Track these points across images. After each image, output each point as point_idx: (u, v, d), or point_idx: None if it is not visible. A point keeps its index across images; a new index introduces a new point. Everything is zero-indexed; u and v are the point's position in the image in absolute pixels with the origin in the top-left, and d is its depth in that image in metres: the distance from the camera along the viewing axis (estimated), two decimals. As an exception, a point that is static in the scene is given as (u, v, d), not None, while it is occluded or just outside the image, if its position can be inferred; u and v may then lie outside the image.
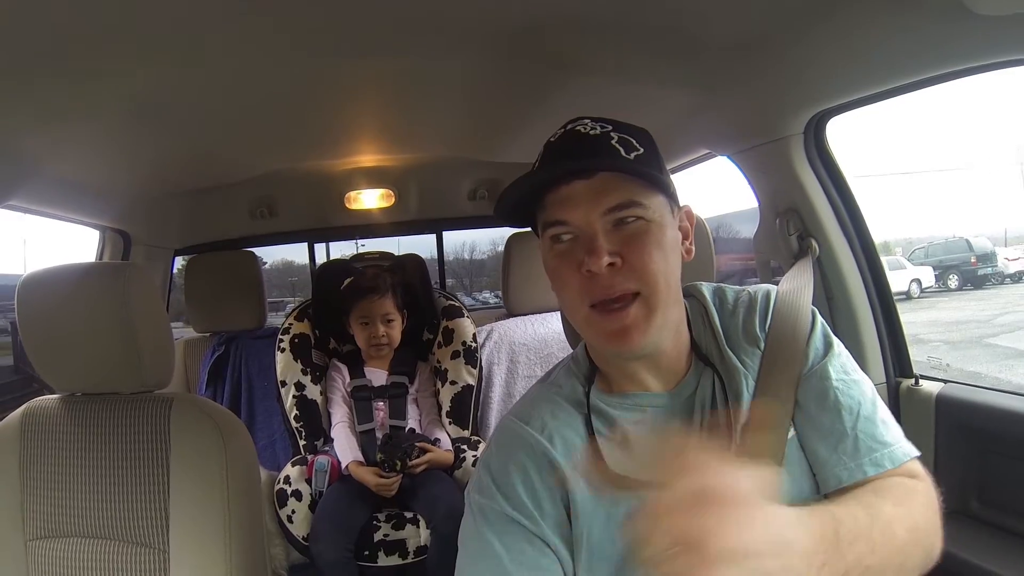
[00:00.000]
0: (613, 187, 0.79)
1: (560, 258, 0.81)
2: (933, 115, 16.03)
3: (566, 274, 0.80)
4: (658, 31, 1.14)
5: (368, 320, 2.05)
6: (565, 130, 0.85)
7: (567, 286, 0.81)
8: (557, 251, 0.82)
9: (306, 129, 1.70)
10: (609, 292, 0.77)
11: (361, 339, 2.08)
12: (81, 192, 1.76)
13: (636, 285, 0.78)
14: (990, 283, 10.57)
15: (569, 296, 0.81)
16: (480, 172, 2.40)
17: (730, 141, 1.55)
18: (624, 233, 0.79)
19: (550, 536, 0.78)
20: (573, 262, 0.79)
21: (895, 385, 1.41)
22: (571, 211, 0.79)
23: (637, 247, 0.78)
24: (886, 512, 0.70)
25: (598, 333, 0.80)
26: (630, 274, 0.77)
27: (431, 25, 1.09)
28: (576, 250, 0.79)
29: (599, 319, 0.79)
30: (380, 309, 2.05)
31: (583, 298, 0.79)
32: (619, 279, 0.77)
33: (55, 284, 1.18)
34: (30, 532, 1.19)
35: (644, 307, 0.78)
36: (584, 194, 0.79)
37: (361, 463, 1.93)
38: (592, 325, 0.80)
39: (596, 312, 0.79)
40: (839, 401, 0.82)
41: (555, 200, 0.80)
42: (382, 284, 2.07)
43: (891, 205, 11.59)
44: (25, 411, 1.24)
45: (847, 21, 1.01)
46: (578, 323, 0.83)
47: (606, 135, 0.82)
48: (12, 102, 1.15)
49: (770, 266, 1.57)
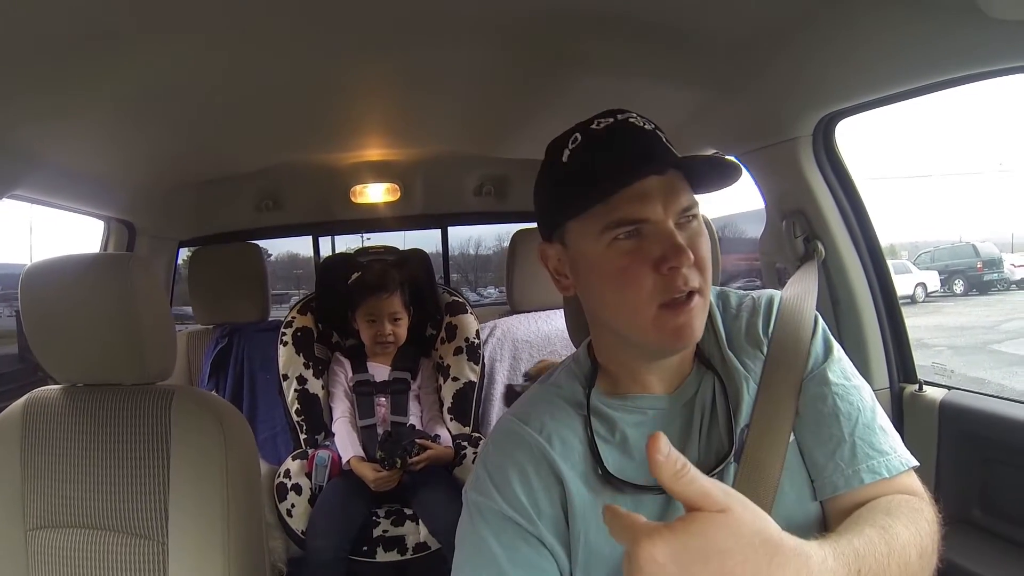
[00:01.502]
0: (682, 187, 0.78)
1: (629, 256, 0.77)
2: (942, 119, 15.95)
3: (638, 273, 0.76)
4: (667, 28, 1.13)
5: (375, 318, 2.04)
6: (614, 119, 0.81)
7: (638, 285, 0.77)
8: (623, 249, 0.77)
9: (312, 122, 1.69)
10: (683, 289, 0.76)
11: (367, 336, 2.07)
12: (86, 183, 1.76)
13: (699, 282, 0.77)
14: (996, 289, 10.53)
15: (636, 296, 0.77)
16: (486, 168, 2.39)
17: (738, 141, 1.54)
18: (688, 232, 0.78)
19: (547, 536, 0.78)
20: (646, 260, 0.76)
21: (899, 390, 1.40)
22: (650, 208, 0.76)
23: (702, 245, 0.78)
24: (902, 538, 0.68)
25: (666, 331, 0.77)
26: (696, 272, 0.77)
27: (438, 20, 1.09)
28: (647, 247, 0.76)
29: (670, 316, 0.77)
30: (388, 308, 2.04)
31: (654, 297, 0.76)
32: (691, 276, 0.77)
33: (58, 274, 1.18)
34: (30, 522, 1.19)
35: (702, 300, 0.78)
36: (660, 190, 0.76)
37: (362, 458, 1.93)
38: (661, 324, 0.77)
39: (666, 310, 0.77)
40: (837, 407, 0.81)
41: (629, 197, 0.76)
42: (391, 282, 2.05)
43: (898, 208, 11.56)
44: (27, 401, 1.24)
45: (859, 23, 1.00)
46: (639, 323, 0.78)
47: (655, 133, 0.82)
48: (16, 93, 1.15)
49: (775, 268, 1.56)
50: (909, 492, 0.79)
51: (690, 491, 0.52)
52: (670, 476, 0.52)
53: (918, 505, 0.77)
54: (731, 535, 0.51)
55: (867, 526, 0.69)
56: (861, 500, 0.78)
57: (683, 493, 0.52)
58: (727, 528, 0.52)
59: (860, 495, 0.78)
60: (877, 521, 0.70)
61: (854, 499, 0.78)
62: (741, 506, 0.53)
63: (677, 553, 0.50)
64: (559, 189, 0.83)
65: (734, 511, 0.52)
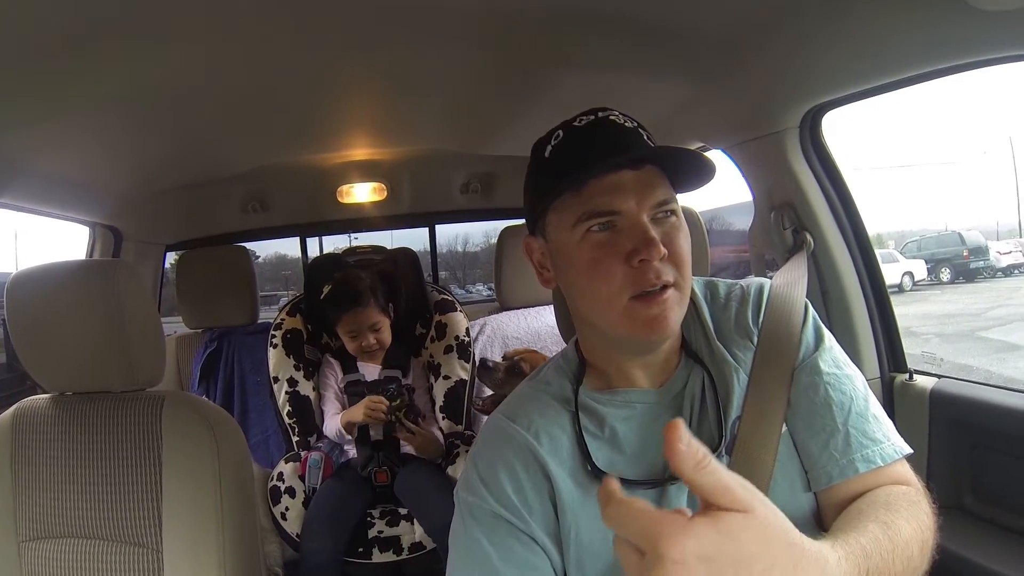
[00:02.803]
0: (658, 181, 0.80)
1: (601, 248, 0.79)
2: (927, 108, 16.09)
3: (609, 265, 0.78)
4: (652, 23, 1.13)
5: (356, 332, 2.02)
6: (596, 116, 0.83)
7: (608, 277, 0.78)
8: (596, 241, 0.79)
9: (298, 122, 1.68)
10: (655, 282, 0.77)
11: (351, 348, 2.05)
12: (71, 189, 1.74)
13: (674, 276, 0.78)
14: (982, 276, 10.63)
15: (607, 288, 0.78)
16: (473, 165, 2.39)
17: (725, 134, 1.54)
18: (664, 227, 0.79)
19: (538, 533, 0.78)
20: (618, 252, 0.78)
21: (889, 379, 1.41)
22: (622, 200, 0.78)
23: (678, 240, 0.80)
24: (904, 534, 0.68)
25: (637, 323, 0.78)
26: (671, 266, 0.78)
27: (423, 17, 1.08)
28: (620, 240, 0.78)
29: (641, 307, 0.78)
30: (366, 321, 2.01)
31: (625, 289, 0.78)
32: (665, 270, 0.77)
33: (45, 282, 1.17)
34: (23, 533, 1.18)
35: (678, 293, 0.79)
36: (634, 184, 0.78)
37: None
38: (632, 315, 0.78)
39: (637, 301, 0.78)
40: (830, 396, 0.82)
41: (603, 187, 0.78)
42: (363, 294, 2.00)
43: (885, 198, 11.64)
44: (16, 411, 1.23)
45: (845, 15, 1.00)
46: (611, 315, 0.80)
47: (636, 130, 0.83)
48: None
49: (764, 260, 1.57)
50: (903, 480, 0.80)
51: (711, 482, 0.47)
52: (692, 466, 0.46)
53: (915, 497, 0.77)
54: (759, 539, 0.48)
55: (870, 522, 0.69)
56: (856, 489, 0.78)
57: (705, 485, 0.47)
58: (754, 531, 0.48)
59: (855, 484, 0.78)
60: (879, 516, 0.70)
61: (849, 488, 0.78)
62: (763, 506, 0.49)
63: (710, 555, 0.46)
64: (539, 182, 0.85)
65: (758, 512, 0.48)
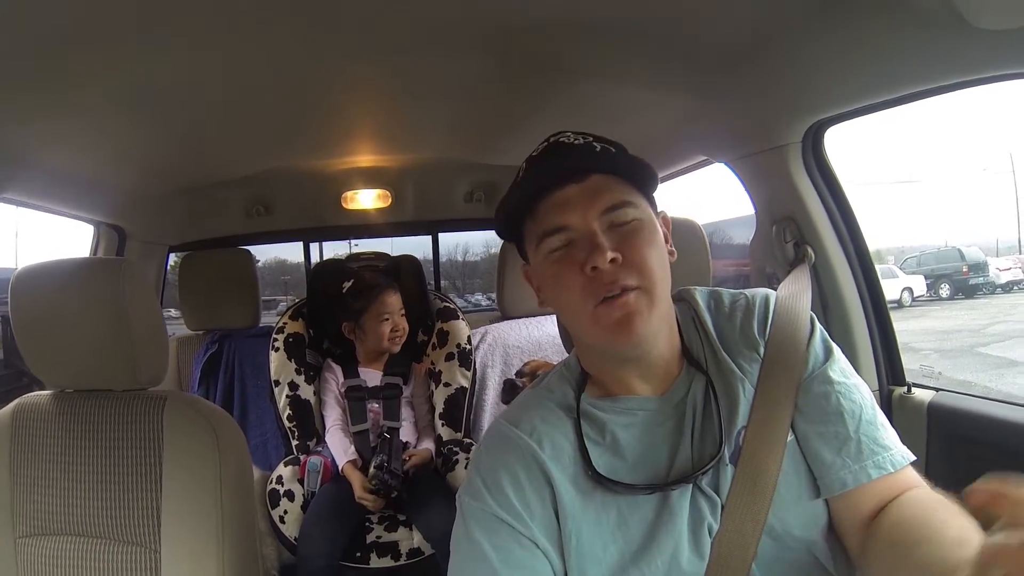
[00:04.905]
0: (607, 188, 0.82)
1: (559, 263, 0.82)
2: (929, 124, 16.11)
3: (567, 276, 0.81)
4: (657, 36, 1.14)
5: (388, 315, 2.04)
6: (548, 143, 0.87)
7: (569, 288, 0.81)
8: (554, 258, 0.82)
9: (303, 128, 1.70)
10: (612, 287, 0.78)
11: (381, 334, 2.04)
12: (76, 187, 1.75)
13: (637, 280, 0.79)
14: (981, 293, 10.60)
15: (571, 299, 0.81)
16: (477, 174, 2.40)
17: (728, 148, 1.55)
18: (621, 232, 0.81)
19: (539, 537, 0.79)
20: (573, 264, 0.80)
21: (888, 393, 1.42)
22: (568, 214, 0.81)
23: (635, 244, 0.80)
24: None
25: (603, 327, 0.80)
26: (631, 269, 0.79)
27: (430, 27, 1.10)
28: (574, 253, 0.80)
29: (604, 311, 0.79)
30: (397, 303, 2.06)
31: (587, 298, 0.79)
32: (622, 274, 0.78)
33: (49, 279, 1.18)
34: (20, 530, 1.18)
35: (645, 297, 0.79)
36: (579, 196, 0.81)
37: (355, 463, 1.93)
38: (598, 320, 0.79)
39: (601, 307, 0.79)
40: (841, 405, 0.83)
41: (549, 206, 0.82)
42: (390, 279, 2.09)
43: (885, 213, 11.64)
44: (16, 407, 1.23)
45: (847, 32, 1.01)
46: (582, 324, 0.82)
47: (589, 144, 0.85)
48: (6, 95, 1.14)
49: (765, 273, 1.57)
50: (915, 483, 0.81)
51: None
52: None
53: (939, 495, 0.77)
54: None
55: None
56: (870, 494, 0.79)
57: None
58: None
59: (869, 489, 0.79)
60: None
61: (863, 493, 0.79)
62: None
63: None
64: (509, 213, 0.88)
65: None
